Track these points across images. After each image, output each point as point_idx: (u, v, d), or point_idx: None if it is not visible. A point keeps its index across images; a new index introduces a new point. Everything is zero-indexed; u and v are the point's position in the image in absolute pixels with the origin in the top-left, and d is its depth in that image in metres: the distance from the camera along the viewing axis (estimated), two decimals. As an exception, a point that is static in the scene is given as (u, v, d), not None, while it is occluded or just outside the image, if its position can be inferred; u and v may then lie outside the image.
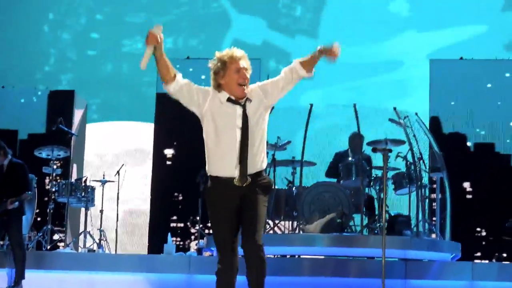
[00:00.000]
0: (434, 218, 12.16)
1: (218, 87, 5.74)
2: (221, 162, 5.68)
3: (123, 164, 13.93)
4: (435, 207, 12.19)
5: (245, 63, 5.73)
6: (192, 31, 18.06)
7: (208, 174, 5.78)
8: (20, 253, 9.54)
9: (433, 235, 11.48)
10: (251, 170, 5.66)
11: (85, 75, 18.40)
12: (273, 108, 6.02)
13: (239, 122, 5.64)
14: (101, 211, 12.90)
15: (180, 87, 5.83)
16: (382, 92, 17.00)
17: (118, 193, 13.33)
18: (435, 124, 16.08)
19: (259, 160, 5.71)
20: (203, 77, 17.24)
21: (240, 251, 5.77)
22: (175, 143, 16.97)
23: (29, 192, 9.56)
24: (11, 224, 9.54)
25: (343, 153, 11.78)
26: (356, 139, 11.47)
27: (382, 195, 10.71)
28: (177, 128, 16.95)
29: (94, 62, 18.36)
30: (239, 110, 5.66)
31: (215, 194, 5.74)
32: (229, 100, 5.69)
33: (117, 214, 13.33)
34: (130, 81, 18.33)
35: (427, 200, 11.64)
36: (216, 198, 5.74)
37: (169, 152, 16.81)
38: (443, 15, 17.18)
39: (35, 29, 18.37)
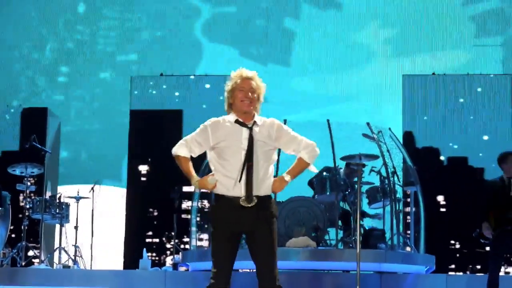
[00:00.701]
0: (408, 232, 12.24)
1: (229, 107, 5.86)
2: (227, 181, 5.72)
3: (97, 180, 13.91)
4: (409, 221, 12.27)
5: (253, 83, 5.79)
6: (164, 51, 18.08)
7: (214, 193, 5.80)
8: None
9: (408, 248, 11.54)
10: (256, 191, 5.70)
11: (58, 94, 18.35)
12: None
13: (244, 144, 5.73)
14: (76, 227, 12.85)
15: (198, 151, 5.92)
16: (354, 108, 17.10)
17: (92, 210, 13.30)
18: (408, 139, 16.21)
19: (265, 185, 5.74)
20: (176, 93, 17.27)
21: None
22: (149, 160, 16.96)
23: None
24: None
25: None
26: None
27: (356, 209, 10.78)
28: (151, 145, 16.95)
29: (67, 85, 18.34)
30: (245, 132, 5.75)
31: (220, 213, 5.75)
32: (236, 121, 5.78)
33: (92, 230, 13.28)
34: (102, 98, 18.29)
35: (401, 214, 11.71)
36: (221, 216, 5.75)
37: (143, 168, 16.79)
38: (415, 40, 17.38)
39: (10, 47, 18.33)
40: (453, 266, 15.30)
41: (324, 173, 11.64)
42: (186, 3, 18.03)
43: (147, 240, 16.39)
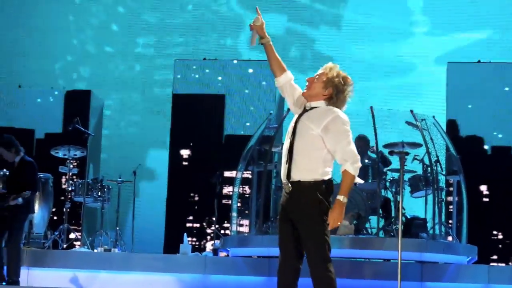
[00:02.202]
0: (450, 221, 12.12)
1: None
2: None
3: (139, 164, 13.98)
4: (451, 210, 12.14)
5: (322, 70, 5.79)
6: (206, 33, 18.03)
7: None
8: (14, 252, 9.57)
9: (449, 238, 11.44)
10: (295, 175, 5.61)
11: (102, 73, 18.40)
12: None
13: (290, 127, 5.74)
14: (117, 211, 12.95)
15: (285, 82, 5.89)
16: (395, 95, 16.91)
17: (134, 193, 13.37)
18: (452, 127, 16.00)
19: (306, 168, 5.60)
20: (219, 78, 17.24)
21: None
22: (191, 144, 16.97)
23: (27, 192, 9.59)
24: (11, 220, 9.61)
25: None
26: (360, 142, 11.38)
27: (398, 198, 10.70)
28: (193, 129, 16.96)
29: (110, 60, 18.35)
30: (298, 115, 5.79)
31: (280, 202, 5.78)
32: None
33: (133, 214, 13.36)
34: (144, 81, 18.30)
35: (443, 203, 11.60)
36: (280, 206, 5.77)
37: (185, 152, 16.81)
38: (458, 19, 17.09)
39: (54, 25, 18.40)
40: (495, 257, 15.17)
41: (366, 161, 11.57)
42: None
43: (188, 224, 16.41)
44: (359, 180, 5.74)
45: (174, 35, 18.34)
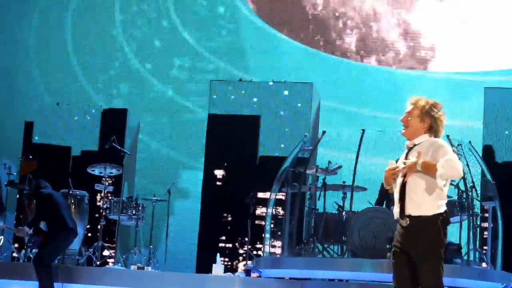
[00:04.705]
0: (485, 247, 12.02)
1: None
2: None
3: (173, 183, 14.04)
4: (486, 236, 12.05)
5: (410, 108, 5.91)
6: (241, 55, 18.12)
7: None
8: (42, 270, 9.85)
9: (484, 264, 11.34)
10: (411, 211, 5.79)
11: (139, 92, 18.55)
12: None
13: (400, 165, 5.85)
14: (151, 229, 13.00)
15: None
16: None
17: (168, 212, 13.42)
18: (488, 153, 15.92)
19: (419, 205, 5.78)
20: (255, 99, 17.30)
21: None
22: (225, 164, 17.03)
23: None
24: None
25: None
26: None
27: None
28: (228, 150, 17.01)
29: (148, 79, 18.51)
30: (404, 154, 5.97)
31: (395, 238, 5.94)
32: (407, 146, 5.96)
33: (167, 233, 13.40)
34: (179, 100, 18.42)
35: (478, 229, 11.52)
36: (395, 242, 5.94)
37: (219, 172, 16.87)
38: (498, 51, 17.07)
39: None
40: (530, 284, 14.99)
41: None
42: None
43: (220, 244, 16.44)
44: (439, 181, 5.79)
45: (211, 55, 18.45)
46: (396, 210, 5.89)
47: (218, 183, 16.92)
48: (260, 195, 14.30)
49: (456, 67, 17.59)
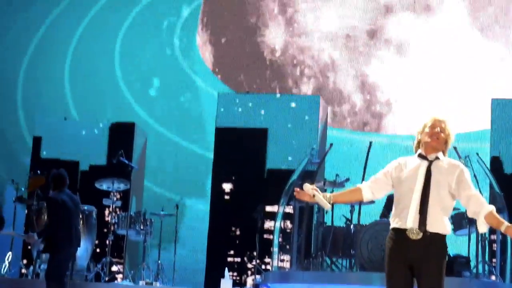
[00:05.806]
0: (494, 260, 11.98)
1: (418, 145, 6.09)
2: (400, 212, 5.94)
3: (181, 197, 14.05)
4: (495, 249, 12.01)
5: (443, 125, 6.01)
6: (249, 67, 18.14)
7: (390, 226, 6.02)
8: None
9: (493, 277, 11.31)
10: (429, 227, 5.83)
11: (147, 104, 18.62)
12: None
13: (421, 175, 5.90)
14: (159, 244, 13.00)
15: (373, 194, 6.16)
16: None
17: (176, 226, 13.42)
18: (496, 164, 15.87)
19: (437, 222, 5.86)
20: (262, 111, 17.30)
21: None
22: (233, 178, 17.02)
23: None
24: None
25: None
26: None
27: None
28: (236, 163, 17.00)
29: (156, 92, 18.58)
30: (423, 164, 5.94)
31: (391, 245, 5.96)
32: (419, 155, 6.00)
33: (175, 247, 13.40)
34: (187, 114, 18.45)
35: (487, 241, 11.49)
36: (391, 249, 5.95)
37: (227, 186, 16.87)
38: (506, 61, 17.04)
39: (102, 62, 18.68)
40: (539, 296, 14.92)
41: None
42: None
43: (229, 259, 16.40)
44: (483, 229, 5.99)
45: (218, 68, 18.49)
46: (410, 220, 5.87)
47: (226, 197, 16.90)
48: (268, 208, 14.28)
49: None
